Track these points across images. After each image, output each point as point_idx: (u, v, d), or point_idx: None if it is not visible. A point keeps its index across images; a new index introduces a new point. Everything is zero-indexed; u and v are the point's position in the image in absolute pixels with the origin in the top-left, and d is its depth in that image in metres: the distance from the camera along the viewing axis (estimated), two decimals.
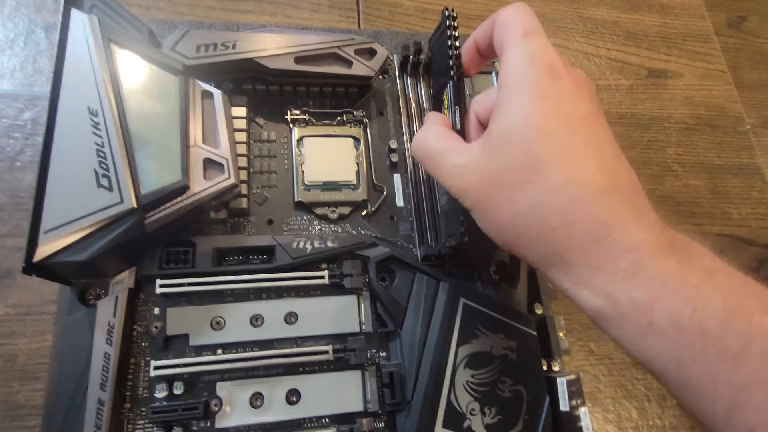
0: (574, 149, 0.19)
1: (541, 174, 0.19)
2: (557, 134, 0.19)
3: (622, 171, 0.20)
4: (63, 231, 0.22)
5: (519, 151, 0.20)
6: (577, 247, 0.19)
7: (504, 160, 0.20)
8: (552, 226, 0.19)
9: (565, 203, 0.19)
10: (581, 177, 0.19)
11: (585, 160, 0.19)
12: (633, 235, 0.18)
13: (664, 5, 0.60)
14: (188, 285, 0.25)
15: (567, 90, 0.20)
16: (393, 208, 0.31)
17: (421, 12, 0.52)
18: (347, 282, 0.27)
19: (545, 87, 0.20)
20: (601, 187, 0.19)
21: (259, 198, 0.29)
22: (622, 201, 0.19)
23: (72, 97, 0.24)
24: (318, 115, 0.32)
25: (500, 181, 0.20)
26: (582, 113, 0.20)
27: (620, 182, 0.19)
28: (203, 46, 0.28)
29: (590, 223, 0.18)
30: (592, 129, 0.20)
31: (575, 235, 0.19)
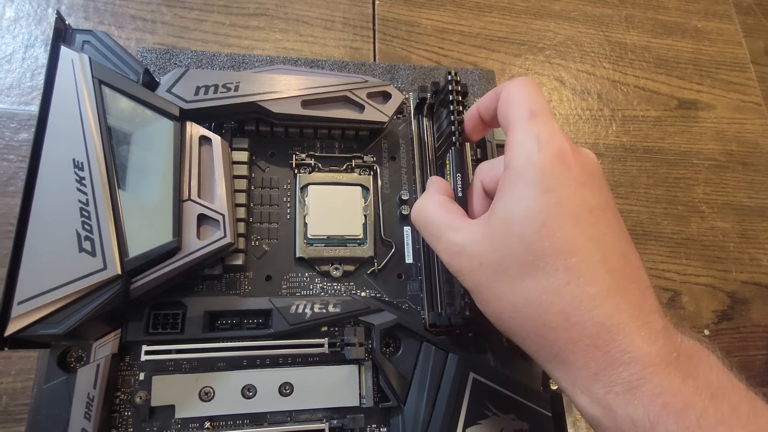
0: (579, 247, 0.18)
1: (542, 270, 0.18)
2: (562, 231, 0.18)
3: (630, 269, 0.19)
4: (39, 301, 0.20)
5: (521, 244, 0.19)
6: (577, 350, 0.18)
7: (505, 251, 0.19)
8: (551, 325, 0.18)
9: (566, 304, 0.18)
10: (584, 277, 0.18)
11: (589, 258, 0.18)
12: (636, 345, 0.17)
13: (698, 30, 0.56)
14: (176, 352, 0.23)
15: (575, 180, 0.19)
16: (401, 265, 0.29)
17: (440, 32, 0.49)
18: (348, 352, 0.25)
19: (552, 177, 0.19)
20: (605, 289, 0.18)
21: (257, 252, 0.27)
22: (626, 304, 0.18)
23: (56, 147, 0.22)
24: (325, 159, 0.29)
25: (499, 270, 0.20)
26: (590, 206, 0.19)
27: (626, 282, 0.18)
28: (203, 88, 0.25)
29: (591, 327, 0.18)
30: (600, 224, 0.19)
31: (575, 337, 0.18)
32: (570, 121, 0.48)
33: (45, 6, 0.42)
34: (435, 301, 0.27)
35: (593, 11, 0.55)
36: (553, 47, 0.51)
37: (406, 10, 0.49)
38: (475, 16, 0.51)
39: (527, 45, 0.51)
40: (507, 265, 0.19)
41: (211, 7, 0.45)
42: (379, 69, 0.33)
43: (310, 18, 0.47)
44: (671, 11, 0.57)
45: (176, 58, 0.30)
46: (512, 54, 0.50)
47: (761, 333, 0.44)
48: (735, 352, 0.43)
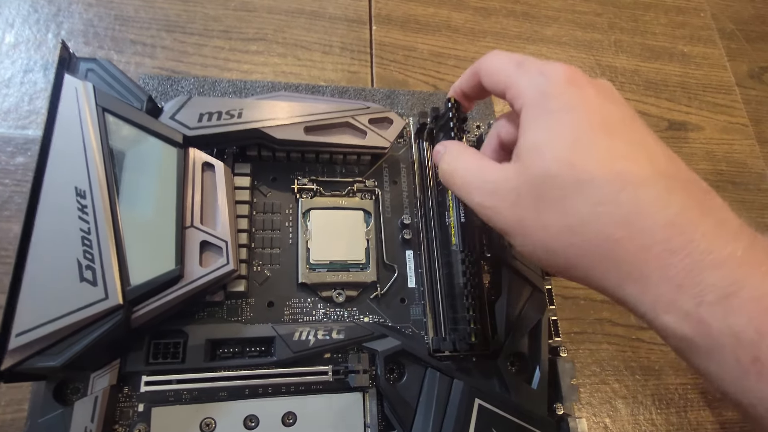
0: (621, 152, 0.17)
1: (589, 184, 0.17)
2: (597, 142, 0.17)
3: (684, 172, 0.17)
4: (38, 333, 0.20)
5: (559, 165, 0.18)
6: (651, 260, 0.16)
7: (543, 175, 0.18)
8: (615, 237, 0.16)
9: (626, 211, 0.16)
10: (637, 180, 0.16)
11: (637, 161, 0.17)
12: (718, 243, 0.15)
13: (685, 54, 0.58)
14: (177, 382, 0.23)
15: (593, 97, 0.18)
16: (404, 290, 0.28)
17: (436, 56, 0.50)
18: (352, 380, 0.25)
19: (570, 98, 0.18)
20: (664, 188, 0.16)
21: (259, 278, 0.27)
22: (693, 201, 0.16)
23: (59, 174, 0.22)
24: (327, 184, 0.30)
25: (543, 195, 0.18)
26: (618, 116, 0.18)
27: (684, 182, 0.17)
28: (206, 115, 0.26)
29: (661, 229, 0.16)
30: (634, 130, 0.18)
31: (646, 244, 0.16)
32: None
33: (45, 31, 0.42)
34: (439, 326, 0.27)
35: (583, 36, 0.56)
36: None
37: (402, 35, 0.50)
38: (470, 41, 0.52)
39: None
40: (549, 187, 0.18)
41: (210, 32, 0.45)
42: (379, 94, 0.33)
43: (309, 43, 0.47)
44: (658, 36, 0.58)
45: (178, 84, 0.31)
46: None
47: None
48: None
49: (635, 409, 0.40)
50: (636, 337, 0.42)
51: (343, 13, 0.50)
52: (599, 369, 0.40)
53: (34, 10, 0.42)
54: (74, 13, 0.43)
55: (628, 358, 0.41)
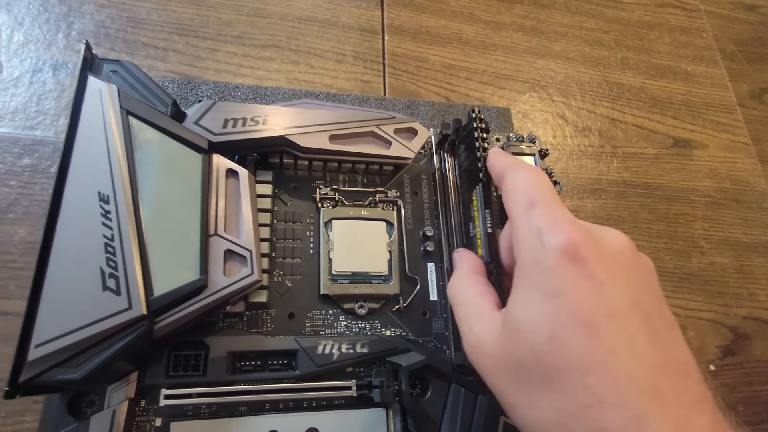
0: (597, 361, 0.15)
1: (558, 388, 0.16)
2: (574, 343, 0.16)
3: (671, 383, 0.15)
4: (58, 344, 0.19)
5: (531, 355, 0.17)
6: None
7: (516, 359, 0.17)
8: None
9: (591, 430, 0.15)
10: (608, 400, 0.15)
11: (613, 375, 0.15)
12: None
13: (688, 73, 0.59)
14: (197, 396, 0.22)
15: (589, 279, 0.16)
16: (426, 303, 0.28)
17: (448, 68, 0.50)
18: (377, 395, 0.24)
19: (558, 279, 0.17)
20: (635, 415, 0.15)
21: (280, 288, 0.26)
22: (666, 426, 0.15)
23: (82, 179, 0.21)
24: (348, 194, 0.29)
25: (514, 379, 0.18)
26: (611, 309, 0.16)
27: (665, 403, 0.15)
28: (231, 121, 0.25)
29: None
30: (627, 329, 0.16)
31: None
32: (574, 157, 0.49)
33: (55, 31, 0.41)
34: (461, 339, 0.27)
35: (591, 52, 0.57)
36: (554, 85, 0.53)
37: (414, 46, 0.50)
38: (481, 54, 0.52)
39: (530, 83, 0.52)
40: (521, 375, 0.17)
41: (224, 37, 0.45)
42: (399, 105, 0.33)
43: (322, 51, 0.47)
44: (663, 55, 0.60)
45: (198, 88, 0.30)
46: (517, 91, 0.51)
47: (764, 368, 0.45)
48: (740, 387, 0.43)
49: None
50: None
51: (356, 22, 0.50)
52: None
53: (45, 9, 0.42)
54: (85, 13, 0.42)
55: None
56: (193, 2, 0.46)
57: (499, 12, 0.56)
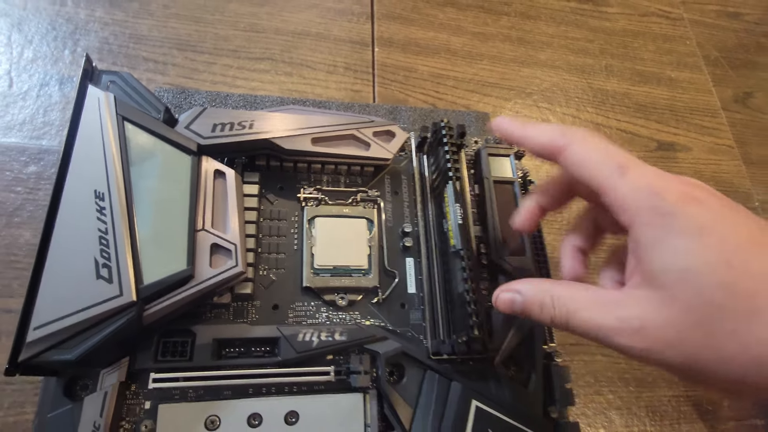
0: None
1: (762, 310, 0.16)
2: (754, 261, 0.16)
3: None
4: (54, 327, 0.21)
5: (720, 293, 0.17)
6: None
7: (706, 305, 0.17)
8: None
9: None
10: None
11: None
12: None
13: (672, 79, 0.61)
14: (184, 380, 0.24)
15: (720, 211, 0.17)
16: (404, 295, 0.29)
17: (435, 77, 0.52)
18: (354, 380, 0.25)
19: (698, 217, 0.17)
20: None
21: (265, 281, 0.28)
22: None
23: (80, 178, 0.23)
24: (331, 193, 0.31)
25: (712, 329, 0.17)
26: (758, 225, 0.17)
27: None
28: (219, 125, 0.27)
29: None
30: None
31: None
32: None
33: (62, 48, 0.44)
34: (437, 329, 0.28)
35: (575, 60, 0.59)
36: (540, 92, 0.55)
37: (403, 57, 0.53)
38: (468, 64, 0.54)
39: (516, 90, 0.54)
40: (718, 319, 0.16)
41: (220, 51, 0.47)
42: (382, 110, 0.35)
43: (314, 63, 0.49)
44: (647, 62, 0.61)
45: (191, 97, 0.32)
46: (503, 98, 0.53)
47: None
48: None
49: (629, 420, 0.40)
50: None
51: (347, 35, 0.52)
52: (593, 380, 0.41)
53: (53, 28, 0.45)
54: (91, 31, 0.45)
55: (621, 369, 0.42)
56: (191, 19, 0.48)
57: (485, 24, 0.58)
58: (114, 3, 0.48)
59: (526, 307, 0.21)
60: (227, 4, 0.51)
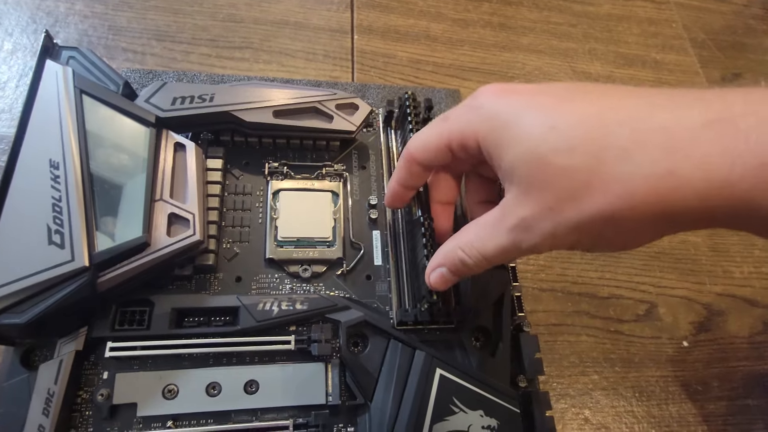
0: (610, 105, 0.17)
1: (612, 140, 0.16)
2: (573, 111, 0.17)
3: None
4: (4, 291, 0.21)
5: (560, 156, 0.17)
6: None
7: (555, 175, 0.17)
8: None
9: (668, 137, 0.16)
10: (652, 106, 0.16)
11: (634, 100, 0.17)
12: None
13: (657, 61, 0.60)
14: (141, 348, 0.24)
15: (531, 90, 0.19)
16: (370, 267, 0.29)
17: (415, 63, 0.52)
18: (315, 348, 0.25)
19: (515, 105, 0.19)
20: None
21: (228, 254, 0.28)
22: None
23: (35, 148, 0.23)
24: (297, 168, 0.31)
25: (570, 189, 0.17)
26: (567, 87, 0.19)
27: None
28: (179, 99, 0.27)
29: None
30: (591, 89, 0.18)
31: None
32: None
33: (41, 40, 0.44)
34: (403, 299, 0.28)
35: (558, 45, 0.59)
36: (522, 76, 0.55)
37: (383, 44, 0.53)
38: (448, 49, 0.54)
39: (497, 74, 0.54)
40: (573, 179, 0.17)
41: (198, 41, 0.48)
42: (351, 87, 0.35)
43: (293, 51, 0.50)
44: (631, 45, 0.61)
45: (159, 77, 0.32)
46: (483, 82, 0.53)
47: (739, 344, 0.44)
48: (715, 363, 0.43)
49: (615, 401, 0.39)
50: (615, 329, 0.42)
51: (327, 23, 0.52)
52: (578, 360, 0.40)
53: (33, 21, 0.45)
54: (70, 24, 0.46)
55: (607, 350, 0.41)
56: (170, 10, 0.49)
57: (466, 10, 0.58)
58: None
59: (454, 273, 0.21)
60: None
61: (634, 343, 0.42)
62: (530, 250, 0.19)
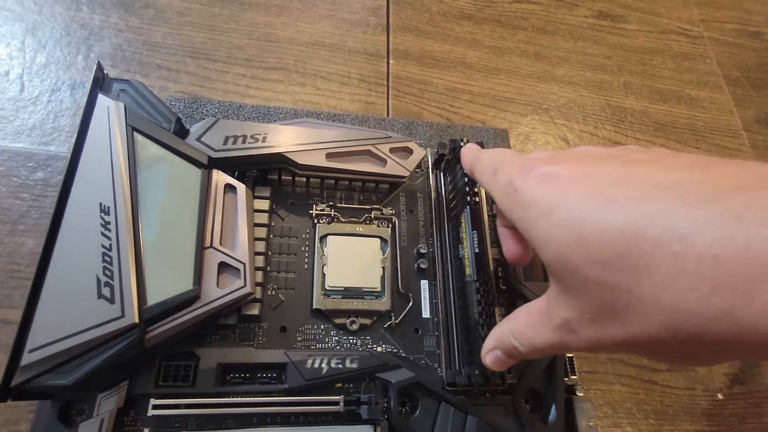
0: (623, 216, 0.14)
1: (629, 267, 0.14)
2: (608, 210, 0.14)
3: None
4: (51, 349, 0.19)
5: (590, 267, 0.15)
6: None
7: (588, 283, 0.15)
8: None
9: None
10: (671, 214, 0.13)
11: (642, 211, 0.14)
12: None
13: (692, 98, 0.59)
14: (185, 407, 0.22)
15: (569, 177, 0.16)
16: (418, 320, 0.28)
17: (451, 91, 0.51)
18: (365, 412, 0.24)
19: (548, 197, 0.16)
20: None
21: (273, 301, 0.27)
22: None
23: (85, 190, 0.22)
24: (344, 210, 0.30)
25: (608, 298, 0.15)
26: (617, 170, 0.15)
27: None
28: (231, 138, 0.26)
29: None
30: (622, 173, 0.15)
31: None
32: None
33: (75, 53, 0.43)
34: (453, 358, 0.27)
35: (593, 77, 0.58)
36: (556, 108, 0.54)
37: (418, 70, 0.52)
38: (484, 78, 0.53)
39: (533, 106, 0.53)
40: (608, 289, 0.15)
41: (234, 60, 0.46)
42: (397, 125, 0.34)
43: (328, 74, 0.49)
44: (666, 80, 0.60)
45: (203, 107, 0.31)
46: (519, 114, 0.52)
47: None
48: (750, 418, 0.42)
49: None
50: (648, 378, 0.41)
51: (362, 46, 0.51)
52: (611, 411, 0.39)
53: (67, 33, 0.44)
54: (105, 37, 0.45)
55: (641, 400, 0.40)
56: (206, 27, 0.48)
57: (502, 38, 0.57)
58: (129, 9, 0.47)
59: (509, 356, 0.20)
60: (242, 14, 0.50)
61: (668, 395, 0.41)
62: (581, 350, 0.17)
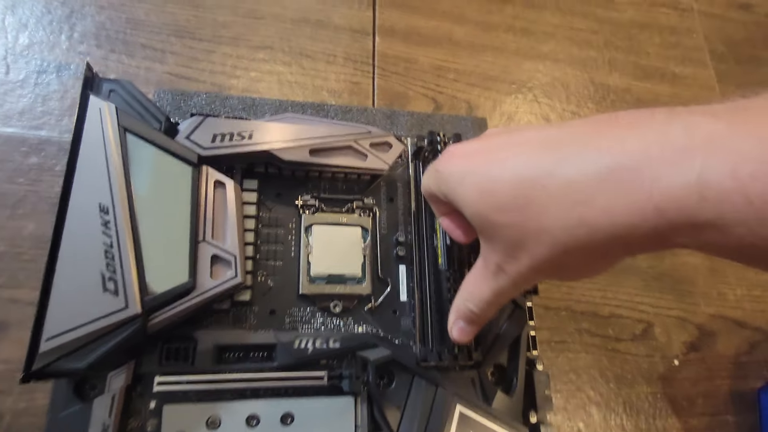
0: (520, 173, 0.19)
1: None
2: (500, 166, 0.20)
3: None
4: (65, 338, 0.22)
5: (498, 214, 0.20)
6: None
7: (500, 228, 0.20)
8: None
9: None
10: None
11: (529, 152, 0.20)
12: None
13: (675, 75, 0.60)
14: (186, 383, 0.25)
15: (472, 150, 0.22)
16: (396, 302, 0.31)
17: (436, 69, 0.52)
18: (345, 384, 0.27)
19: (459, 169, 0.22)
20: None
21: (263, 287, 0.29)
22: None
23: (84, 192, 0.24)
24: (328, 200, 0.32)
25: (520, 235, 0.19)
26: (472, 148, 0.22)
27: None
28: (219, 136, 0.27)
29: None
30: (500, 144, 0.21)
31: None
32: None
33: (58, 33, 0.43)
34: (426, 337, 0.30)
35: (579, 53, 0.58)
36: (540, 87, 0.55)
37: (404, 48, 0.52)
38: (470, 55, 0.54)
39: (517, 84, 0.54)
40: (518, 229, 0.19)
41: (220, 39, 0.46)
42: (380, 114, 0.35)
43: (313, 52, 0.49)
44: (651, 56, 0.60)
45: (191, 99, 0.32)
46: (504, 93, 0.53)
47: (725, 363, 0.48)
48: (701, 381, 0.46)
49: (607, 415, 0.43)
50: (612, 347, 0.45)
51: (348, 23, 0.51)
52: (576, 377, 0.43)
53: (48, 11, 0.44)
54: (87, 15, 0.44)
55: (603, 366, 0.44)
56: (190, 3, 0.47)
57: (489, 12, 0.57)
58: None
59: (469, 323, 0.25)
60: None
61: (629, 362, 0.45)
62: (516, 287, 0.22)
